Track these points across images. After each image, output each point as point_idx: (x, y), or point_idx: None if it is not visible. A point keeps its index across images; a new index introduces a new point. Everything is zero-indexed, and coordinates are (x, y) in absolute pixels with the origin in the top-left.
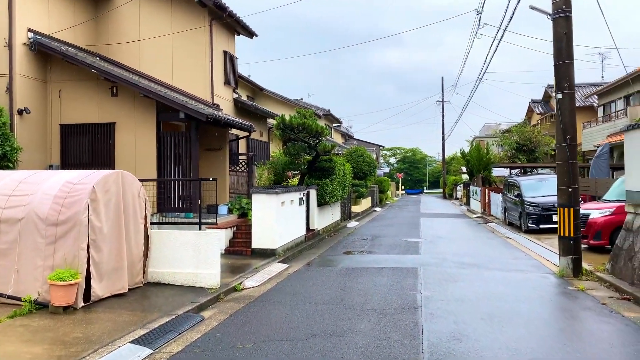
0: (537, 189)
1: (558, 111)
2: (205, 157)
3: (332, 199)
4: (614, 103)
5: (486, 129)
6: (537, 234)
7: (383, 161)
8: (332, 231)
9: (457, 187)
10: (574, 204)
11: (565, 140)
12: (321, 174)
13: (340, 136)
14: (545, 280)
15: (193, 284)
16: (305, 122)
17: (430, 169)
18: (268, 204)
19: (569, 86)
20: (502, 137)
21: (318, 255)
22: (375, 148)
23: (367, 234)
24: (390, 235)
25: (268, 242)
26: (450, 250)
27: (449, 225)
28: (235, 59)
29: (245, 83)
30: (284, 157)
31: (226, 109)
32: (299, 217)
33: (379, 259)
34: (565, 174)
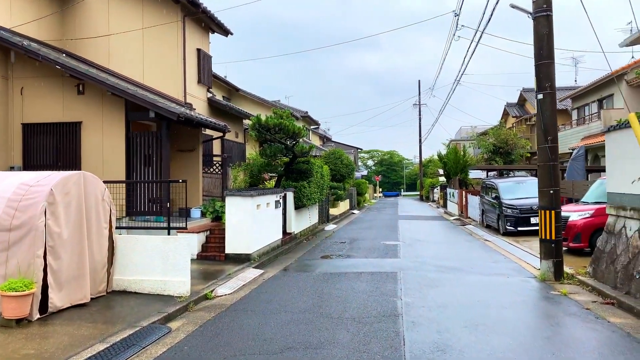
0: (515, 191)
1: (539, 112)
2: (177, 159)
3: (309, 202)
4: (587, 106)
5: (462, 131)
6: (515, 237)
7: (361, 164)
8: (309, 234)
9: (434, 189)
10: (555, 206)
11: (546, 141)
12: (298, 176)
13: (318, 138)
14: (527, 284)
15: (161, 292)
16: (282, 122)
17: (407, 171)
18: (242, 207)
19: (550, 86)
20: (478, 140)
21: (295, 259)
22: (353, 150)
23: (345, 237)
24: (369, 238)
25: (242, 246)
26: (429, 254)
27: (427, 228)
28: (209, 57)
29: (220, 83)
30: (260, 158)
31: (200, 109)
32: (275, 221)
33: (358, 263)
34: (547, 176)
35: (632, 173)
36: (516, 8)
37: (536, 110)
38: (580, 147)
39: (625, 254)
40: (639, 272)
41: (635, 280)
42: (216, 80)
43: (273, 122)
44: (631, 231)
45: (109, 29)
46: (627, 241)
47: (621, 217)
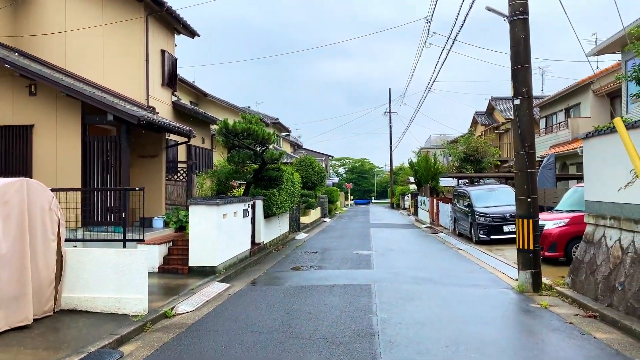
0: (487, 199)
1: (516, 118)
2: (139, 165)
3: (279, 210)
4: (555, 115)
5: (432, 140)
6: (488, 245)
7: (332, 171)
8: (279, 244)
9: (404, 197)
10: (533, 215)
11: (523, 147)
12: (268, 183)
13: (289, 145)
14: (505, 296)
15: (115, 310)
16: (251, 127)
17: (378, 179)
18: (208, 217)
19: (527, 92)
20: (449, 148)
21: (264, 271)
22: (324, 158)
23: (316, 247)
24: (341, 248)
25: (207, 258)
26: (403, 264)
27: (399, 236)
28: (174, 59)
29: (188, 88)
30: (227, 165)
31: (164, 113)
32: (243, 230)
33: (330, 275)
34: (524, 183)
35: (614, 181)
36: (492, 11)
37: (513, 116)
38: (551, 155)
39: (605, 265)
40: (621, 283)
41: (617, 292)
42: (183, 85)
43: (241, 127)
44: (611, 241)
45: (66, 26)
46: (608, 251)
47: (600, 226)
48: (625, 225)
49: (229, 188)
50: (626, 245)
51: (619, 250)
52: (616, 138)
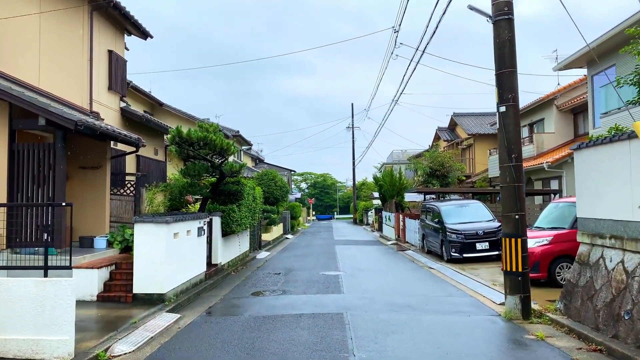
0: (459, 215)
1: (501, 126)
2: (80, 177)
3: (239, 228)
4: None
5: (394, 155)
6: (460, 264)
7: (294, 186)
8: (239, 265)
9: (368, 212)
10: (521, 233)
11: (510, 159)
12: (227, 198)
13: (251, 159)
14: (494, 325)
15: (32, 355)
16: (208, 136)
17: (340, 194)
18: (156, 236)
19: (512, 98)
20: (415, 162)
21: (221, 298)
22: (286, 172)
23: (279, 267)
24: (306, 269)
25: (155, 284)
26: (375, 286)
27: (367, 254)
28: (123, 61)
29: (142, 97)
30: (182, 178)
31: (110, 120)
32: (197, 251)
33: (296, 302)
34: (511, 199)
35: (615, 196)
36: (474, 10)
37: (498, 124)
38: None
39: (606, 290)
40: (627, 312)
41: (624, 322)
42: (137, 93)
43: (197, 135)
44: (612, 263)
45: None
46: (608, 274)
47: (598, 246)
48: (630, 246)
49: (183, 203)
50: (632, 268)
51: (622, 274)
52: (618, 148)
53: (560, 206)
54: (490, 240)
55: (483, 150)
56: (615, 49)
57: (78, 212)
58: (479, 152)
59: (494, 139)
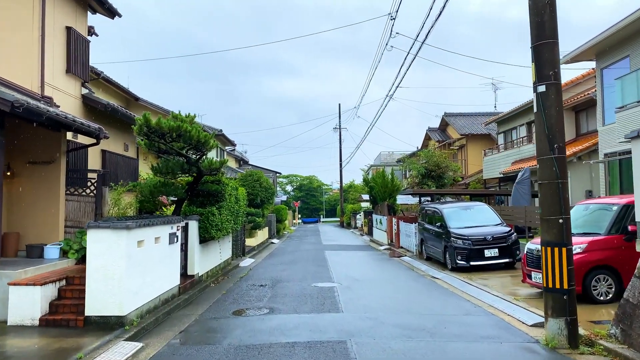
0: (463, 218)
1: (540, 110)
2: (27, 174)
3: (220, 233)
4: (515, 130)
5: (382, 157)
6: (467, 272)
7: (280, 189)
8: (220, 275)
9: (356, 215)
10: (566, 241)
11: (552, 150)
12: (206, 199)
13: (235, 161)
14: (536, 357)
15: None
16: (182, 126)
17: (326, 197)
18: (114, 245)
19: (554, 75)
20: (409, 162)
21: (196, 318)
22: (272, 174)
23: (265, 278)
24: (296, 279)
25: (112, 305)
26: (378, 302)
27: (360, 261)
28: (85, 41)
29: (115, 90)
30: (154, 177)
31: (69, 107)
32: (169, 261)
33: (286, 324)
34: (554, 198)
35: None
36: None
37: (536, 108)
38: (526, 169)
39: None
40: None
41: None
42: (109, 86)
43: (168, 125)
44: None
45: None
46: None
47: None
48: None
49: (158, 206)
50: None
51: None
52: None
53: (591, 208)
54: (500, 247)
55: (476, 151)
56: (629, 40)
57: (25, 215)
58: (471, 153)
59: (487, 140)
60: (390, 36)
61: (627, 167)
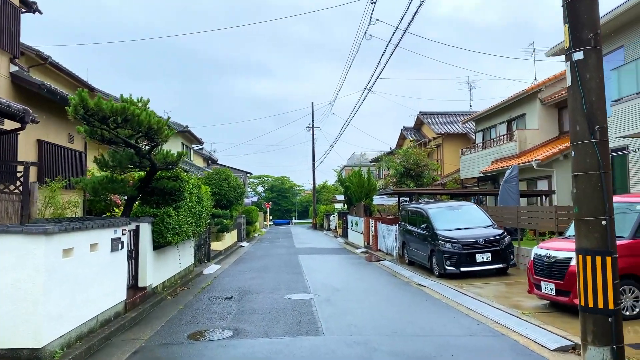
0: (451, 219)
1: (575, 82)
2: None
3: (177, 237)
4: (494, 128)
5: (355, 157)
6: (457, 279)
7: (250, 190)
8: (179, 285)
9: (329, 217)
10: (612, 248)
11: (591, 133)
12: (161, 198)
13: (202, 160)
14: None
15: None
16: (128, 109)
17: (298, 198)
18: (28, 255)
19: (594, 39)
20: (387, 160)
21: (141, 344)
22: (242, 174)
23: (231, 288)
24: (267, 289)
25: (26, 333)
26: (365, 320)
27: (337, 266)
28: (15, 9)
29: (67, 79)
30: (99, 171)
31: None
32: (111, 272)
33: (255, 355)
34: (595, 194)
35: None
36: None
37: (570, 81)
38: (514, 167)
39: None
40: None
41: None
42: (60, 74)
43: (111, 107)
44: None
45: None
46: None
47: None
48: None
49: (110, 206)
50: None
51: None
52: None
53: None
54: (493, 251)
55: (452, 151)
56: (623, 30)
57: None
58: (447, 152)
59: (463, 139)
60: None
61: (620, 164)
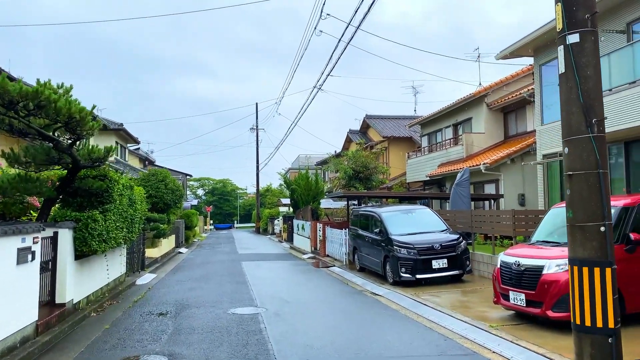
0: (405, 224)
1: (570, 68)
2: None
3: (105, 245)
4: (440, 132)
5: (300, 160)
6: (412, 287)
7: (190, 193)
8: (107, 299)
9: (274, 221)
10: (610, 257)
11: (588, 126)
12: (86, 200)
13: (139, 161)
14: None
15: None
16: (43, 93)
17: (241, 201)
18: None
19: (590, 20)
20: (336, 162)
21: None
22: (181, 176)
23: (167, 301)
24: (207, 302)
25: None
26: (322, 339)
27: (284, 274)
28: None
29: None
30: (9, 168)
31: None
32: (19, 289)
33: None
34: (592, 196)
35: None
36: None
37: (563, 67)
38: (465, 170)
39: None
40: None
41: None
42: None
43: (19, 90)
44: None
45: None
46: None
47: None
48: None
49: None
50: None
51: None
52: None
53: None
54: (449, 257)
55: (398, 154)
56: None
57: None
58: (393, 156)
59: (409, 143)
60: (320, 17)
61: None
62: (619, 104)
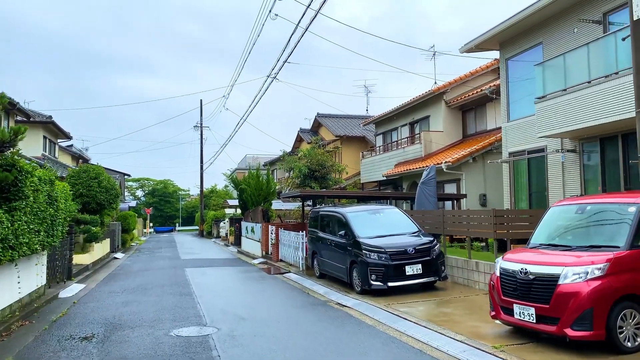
0: (373, 225)
1: None
2: None
3: (13, 253)
4: (396, 131)
5: (247, 159)
6: (384, 297)
7: (128, 193)
8: (16, 319)
9: (219, 223)
10: None
11: None
12: None
13: (71, 158)
14: None
15: None
16: None
17: (184, 203)
18: None
19: None
20: (290, 160)
21: None
22: (118, 176)
23: (95, 320)
24: (145, 322)
25: None
26: None
27: (236, 283)
28: None
29: None
30: None
31: None
32: None
33: None
34: None
35: None
36: None
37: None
38: (432, 167)
39: None
40: None
41: None
42: None
43: None
44: None
45: None
46: None
47: None
48: None
49: None
50: None
51: None
52: None
53: (590, 210)
54: (424, 262)
55: (351, 154)
56: (543, 25)
57: None
58: (347, 155)
59: (362, 142)
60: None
61: (537, 166)
62: (594, 97)
